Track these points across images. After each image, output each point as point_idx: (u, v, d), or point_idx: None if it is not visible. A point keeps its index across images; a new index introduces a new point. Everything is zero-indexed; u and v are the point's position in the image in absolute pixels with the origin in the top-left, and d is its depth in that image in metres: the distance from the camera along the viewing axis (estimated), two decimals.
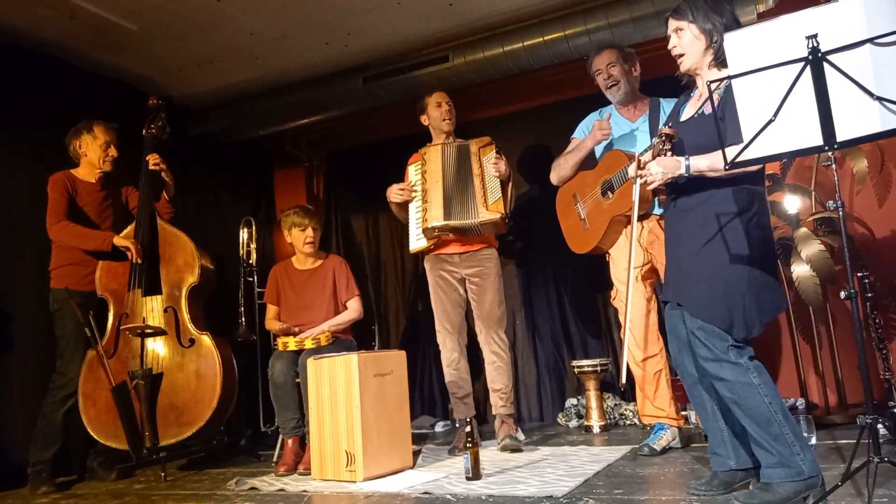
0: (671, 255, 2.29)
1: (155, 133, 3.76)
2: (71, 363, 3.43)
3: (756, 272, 2.08)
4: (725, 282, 2.08)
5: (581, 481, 2.58)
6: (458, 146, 3.59)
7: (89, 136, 3.59)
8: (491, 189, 3.45)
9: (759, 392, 2.03)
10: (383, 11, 4.08)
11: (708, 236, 2.12)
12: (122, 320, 3.51)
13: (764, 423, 2.01)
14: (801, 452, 1.99)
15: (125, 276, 3.54)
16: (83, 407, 3.40)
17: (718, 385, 2.11)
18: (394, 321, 5.31)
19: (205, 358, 3.48)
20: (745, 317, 2.06)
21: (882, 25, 1.76)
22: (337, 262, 3.84)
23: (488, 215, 3.41)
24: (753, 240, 2.09)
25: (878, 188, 3.86)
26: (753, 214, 2.11)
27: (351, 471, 2.96)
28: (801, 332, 3.88)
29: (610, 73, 3.30)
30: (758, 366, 2.08)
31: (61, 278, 3.48)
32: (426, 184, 3.55)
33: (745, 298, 2.06)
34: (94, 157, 3.59)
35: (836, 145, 1.81)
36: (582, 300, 4.64)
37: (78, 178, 3.60)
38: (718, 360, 2.08)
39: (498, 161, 3.46)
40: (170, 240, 3.66)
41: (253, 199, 5.65)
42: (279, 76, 4.77)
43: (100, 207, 3.64)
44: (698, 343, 2.12)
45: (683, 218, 2.22)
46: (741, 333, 2.06)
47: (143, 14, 3.87)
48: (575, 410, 4.33)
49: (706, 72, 2.22)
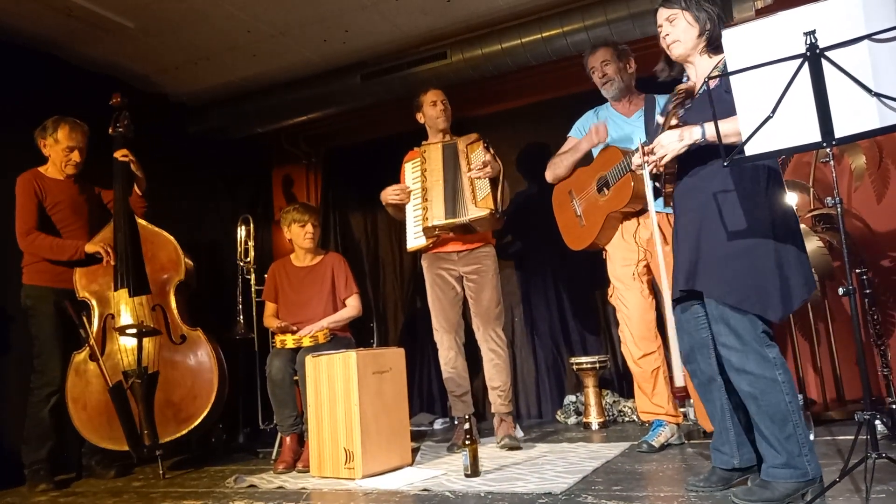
0: (684, 243, 2.16)
1: (122, 131, 3.70)
2: (50, 361, 3.40)
3: (783, 248, 2.00)
4: (753, 262, 1.99)
5: (580, 478, 2.58)
6: (447, 144, 3.58)
7: (52, 139, 3.51)
8: (479, 185, 3.43)
9: (781, 390, 1.99)
10: (381, 8, 4.07)
11: (726, 216, 2.04)
12: (109, 321, 3.49)
13: (780, 422, 1.98)
14: (808, 454, 1.98)
15: (105, 276, 3.50)
16: (74, 412, 3.37)
17: (740, 378, 2.03)
18: (392, 318, 5.31)
19: (198, 353, 3.48)
20: (781, 296, 1.97)
21: (880, 21, 1.76)
22: (336, 259, 3.83)
23: (477, 212, 3.40)
24: (775, 215, 2.02)
25: (876, 184, 3.86)
26: (768, 189, 2.05)
27: (350, 468, 2.97)
28: (799, 328, 3.88)
29: (604, 71, 3.32)
30: (784, 363, 2.03)
31: (36, 274, 3.44)
32: (426, 182, 3.55)
33: (777, 278, 1.97)
34: (57, 160, 3.53)
35: (835, 142, 1.81)
36: (580, 297, 4.64)
37: (47, 176, 3.54)
38: (745, 351, 2.01)
39: (486, 157, 3.41)
40: (151, 238, 3.64)
41: (251, 196, 5.65)
42: (277, 73, 4.76)
43: (74, 204, 3.57)
44: (726, 331, 2.03)
45: (693, 200, 2.15)
46: (777, 314, 1.98)
47: (140, 11, 3.86)
48: (573, 407, 4.33)
49: (698, 59, 2.22)
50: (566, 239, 3.50)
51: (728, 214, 2.05)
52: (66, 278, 3.48)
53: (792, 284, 1.99)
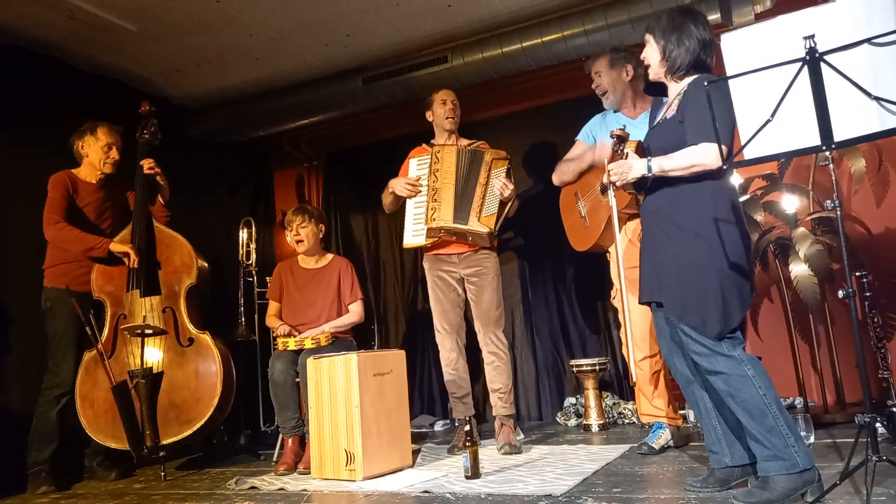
0: (645, 257, 2.34)
1: (148, 138, 3.79)
2: (63, 362, 3.43)
3: (726, 271, 2.11)
4: (697, 280, 2.12)
5: (580, 480, 2.59)
6: (473, 150, 3.56)
7: (92, 138, 3.61)
8: (488, 203, 3.45)
9: (753, 384, 2.05)
10: (382, 13, 4.08)
11: (675, 237, 2.18)
12: (121, 321, 3.51)
13: (759, 415, 2.03)
14: (795, 445, 2.00)
15: (121, 277, 3.55)
16: (81, 409, 3.40)
17: (714, 379, 2.13)
18: (393, 321, 5.31)
19: (204, 356, 3.49)
20: (720, 314, 2.09)
21: (880, 25, 1.77)
22: (343, 263, 3.84)
23: (478, 227, 3.42)
24: (723, 239, 2.12)
25: (875, 188, 3.87)
26: (717, 209, 2.15)
27: (350, 470, 2.97)
28: (799, 331, 3.89)
29: (597, 83, 3.37)
30: (751, 358, 2.11)
31: (56, 277, 3.49)
32: (437, 182, 3.53)
33: (719, 297, 2.10)
34: (95, 159, 3.61)
35: (834, 145, 1.82)
36: (581, 300, 4.65)
37: (79, 178, 3.62)
38: (712, 355, 2.11)
39: (508, 184, 3.45)
40: (166, 241, 3.67)
41: (252, 199, 5.66)
42: (278, 77, 4.78)
43: (100, 208, 3.65)
44: (690, 340, 2.15)
45: (652, 219, 2.29)
46: (715, 330, 2.09)
47: (142, 14, 3.87)
48: (574, 409, 4.34)
49: (669, 82, 2.34)
50: (571, 240, 3.51)
51: (681, 235, 2.18)
52: (85, 281, 3.52)
53: (731, 305, 2.11)
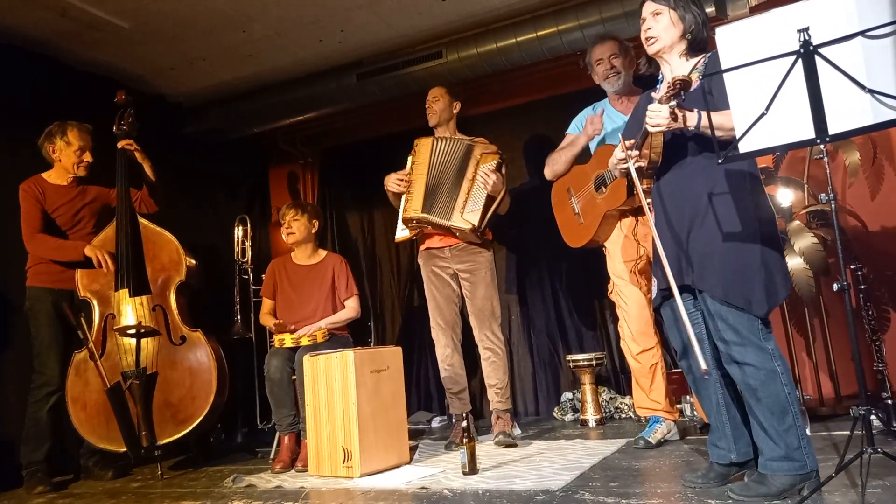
0: (671, 240, 2.19)
1: (126, 129, 3.71)
2: (48, 360, 3.41)
3: (767, 248, 2.05)
4: (741, 259, 2.04)
5: (577, 475, 2.59)
6: (462, 143, 3.54)
7: (62, 142, 3.52)
8: (473, 198, 3.43)
9: (780, 381, 2.01)
10: (376, 8, 4.07)
11: (716, 215, 2.08)
12: (109, 321, 3.49)
13: (779, 413, 2.00)
14: (806, 447, 1.99)
15: (107, 276, 3.50)
16: (73, 411, 3.38)
17: (740, 371, 2.05)
18: (389, 317, 5.31)
19: (197, 354, 3.48)
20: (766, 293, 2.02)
21: (874, 18, 1.76)
22: (337, 260, 3.83)
23: (459, 223, 3.41)
24: (759, 217, 2.07)
25: (870, 181, 3.88)
26: (752, 192, 2.10)
27: (348, 467, 2.97)
28: (794, 324, 3.89)
29: (612, 63, 3.32)
30: (781, 354, 2.06)
31: (37, 276, 3.47)
32: (412, 175, 3.56)
33: (763, 275, 2.02)
34: (68, 163, 3.54)
35: (829, 138, 1.82)
36: (577, 294, 4.65)
37: (49, 182, 3.55)
38: (744, 344, 2.04)
39: (489, 174, 3.40)
40: (153, 238, 3.63)
41: (247, 196, 5.64)
42: (273, 74, 4.76)
43: (73, 210, 3.58)
44: (724, 326, 2.06)
45: (679, 198, 2.18)
46: (762, 309, 2.02)
47: (135, 12, 3.85)
48: (570, 404, 4.35)
49: (675, 59, 2.23)
50: (565, 236, 3.51)
51: (717, 213, 2.08)
52: (67, 278, 3.49)
53: (776, 282, 2.06)
